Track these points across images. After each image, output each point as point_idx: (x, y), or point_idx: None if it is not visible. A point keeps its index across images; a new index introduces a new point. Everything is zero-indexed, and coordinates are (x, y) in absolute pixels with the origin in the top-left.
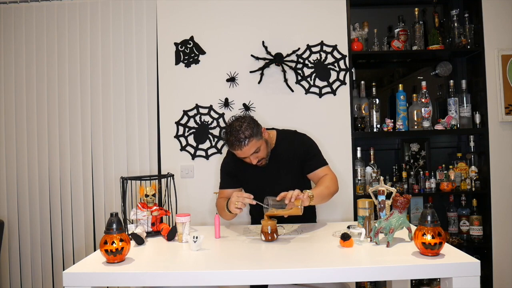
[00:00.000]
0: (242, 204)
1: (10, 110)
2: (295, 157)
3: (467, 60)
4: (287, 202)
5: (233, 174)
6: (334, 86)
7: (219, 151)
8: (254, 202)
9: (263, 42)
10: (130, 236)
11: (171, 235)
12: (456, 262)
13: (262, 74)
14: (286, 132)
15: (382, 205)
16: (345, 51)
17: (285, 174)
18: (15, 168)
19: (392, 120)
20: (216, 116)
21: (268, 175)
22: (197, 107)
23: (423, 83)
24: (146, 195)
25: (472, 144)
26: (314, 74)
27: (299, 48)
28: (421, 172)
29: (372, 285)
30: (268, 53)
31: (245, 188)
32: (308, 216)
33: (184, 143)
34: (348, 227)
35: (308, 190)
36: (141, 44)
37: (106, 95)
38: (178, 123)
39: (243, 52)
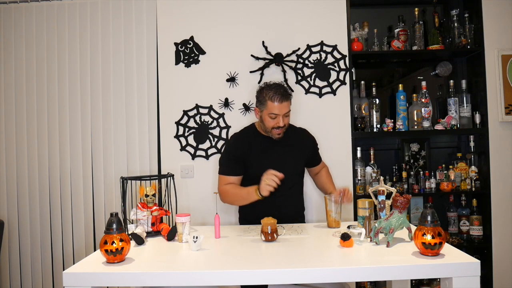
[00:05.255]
0: (273, 183)
1: (10, 110)
2: (302, 149)
3: (467, 60)
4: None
5: (240, 159)
6: (334, 86)
7: (219, 151)
8: (281, 176)
9: (263, 42)
10: (130, 236)
11: (171, 235)
12: (456, 262)
13: (262, 74)
14: (295, 126)
15: (382, 205)
16: (345, 51)
17: (289, 160)
18: (15, 168)
19: (392, 120)
20: (216, 116)
21: (273, 160)
22: (197, 107)
23: (423, 83)
24: (146, 195)
25: (472, 144)
26: (314, 74)
27: (299, 48)
28: (421, 172)
29: (372, 285)
30: (268, 53)
31: (249, 172)
32: (299, 217)
33: (184, 143)
34: (348, 227)
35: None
36: (141, 44)
37: (106, 95)
38: (178, 123)
39: (243, 52)
